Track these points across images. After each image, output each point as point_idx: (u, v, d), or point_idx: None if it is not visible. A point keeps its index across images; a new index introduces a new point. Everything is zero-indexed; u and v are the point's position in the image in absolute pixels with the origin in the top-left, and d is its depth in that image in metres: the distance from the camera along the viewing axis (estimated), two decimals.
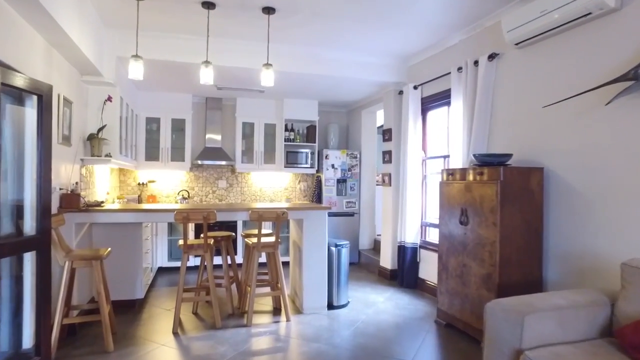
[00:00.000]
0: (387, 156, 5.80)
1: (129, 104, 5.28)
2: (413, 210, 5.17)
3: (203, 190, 6.74)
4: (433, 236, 5.17)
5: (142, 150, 6.11)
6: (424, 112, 5.24)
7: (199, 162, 6.30)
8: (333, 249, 4.35)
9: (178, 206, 4.30)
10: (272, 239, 4.08)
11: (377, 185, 7.08)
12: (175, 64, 4.64)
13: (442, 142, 5.07)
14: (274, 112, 6.75)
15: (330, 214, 6.40)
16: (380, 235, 6.41)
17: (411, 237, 5.19)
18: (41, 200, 2.74)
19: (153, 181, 6.42)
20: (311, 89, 6.05)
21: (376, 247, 6.79)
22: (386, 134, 5.81)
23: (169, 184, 6.58)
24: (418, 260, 5.18)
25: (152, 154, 6.21)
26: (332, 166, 6.72)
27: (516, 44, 3.51)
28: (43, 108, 2.77)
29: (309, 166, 6.82)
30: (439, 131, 5.15)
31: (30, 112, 2.83)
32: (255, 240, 3.90)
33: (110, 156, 4.39)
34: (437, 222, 5.07)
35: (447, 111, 4.86)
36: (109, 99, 4.27)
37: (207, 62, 3.63)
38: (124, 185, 6.35)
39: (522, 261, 3.22)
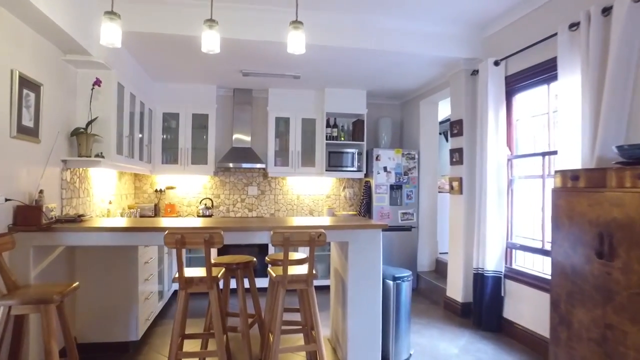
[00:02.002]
0: (456, 156, 4.50)
1: (137, 95, 4.37)
2: (495, 226, 3.85)
3: (230, 199, 5.73)
4: (522, 261, 3.84)
5: (158, 151, 5.20)
6: (509, 95, 3.91)
7: (230, 164, 5.29)
8: (390, 282, 3.13)
9: (191, 222, 3.27)
10: (304, 269, 2.93)
11: (439, 192, 5.75)
12: (185, 40, 3.64)
13: (538, 134, 3.72)
14: (313, 104, 5.63)
15: None
16: (445, 254, 5.10)
17: (492, 262, 3.87)
18: None
19: (172, 187, 5.50)
20: (357, 75, 4.88)
21: (439, 269, 5.47)
22: (455, 127, 4.52)
23: (191, 190, 5.63)
24: (502, 294, 3.85)
25: (169, 155, 5.29)
26: (385, 169, 5.48)
27: None
28: None
29: (355, 169, 5.63)
30: (533, 120, 3.80)
31: None
32: (281, 271, 2.77)
33: (102, 156, 3.47)
34: (527, 243, 3.75)
35: (548, 90, 3.52)
36: (97, 82, 3.33)
37: (211, 22, 2.58)
38: (139, 192, 5.47)
39: None
